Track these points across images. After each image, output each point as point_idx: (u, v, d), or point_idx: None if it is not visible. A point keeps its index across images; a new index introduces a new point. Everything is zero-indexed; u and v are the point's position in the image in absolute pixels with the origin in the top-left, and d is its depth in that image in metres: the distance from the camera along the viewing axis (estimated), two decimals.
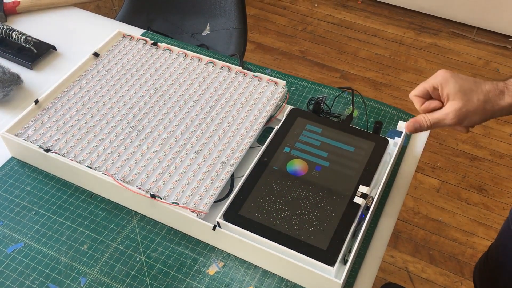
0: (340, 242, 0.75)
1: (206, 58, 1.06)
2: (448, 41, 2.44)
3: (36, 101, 0.95)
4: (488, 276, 1.12)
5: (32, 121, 0.93)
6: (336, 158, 0.87)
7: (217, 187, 0.83)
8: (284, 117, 0.94)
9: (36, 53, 1.12)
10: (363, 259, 0.80)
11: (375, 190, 0.83)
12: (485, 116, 0.72)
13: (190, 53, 1.07)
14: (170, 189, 0.83)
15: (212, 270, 0.79)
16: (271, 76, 1.02)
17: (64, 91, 0.98)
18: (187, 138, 0.91)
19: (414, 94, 0.77)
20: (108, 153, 0.88)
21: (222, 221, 0.78)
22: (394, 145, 0.91)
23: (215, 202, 0.83)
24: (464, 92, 0.71)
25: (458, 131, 0.77)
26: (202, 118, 0.94)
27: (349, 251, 0.76)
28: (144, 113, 0.95)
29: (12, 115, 1.01)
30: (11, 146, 0.93)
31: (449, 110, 0.73)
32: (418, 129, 0.76)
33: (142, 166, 0.86)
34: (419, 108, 0.77)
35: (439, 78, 0.73)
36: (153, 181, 0.84)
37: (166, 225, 0.85)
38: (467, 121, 0.72)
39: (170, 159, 0.87)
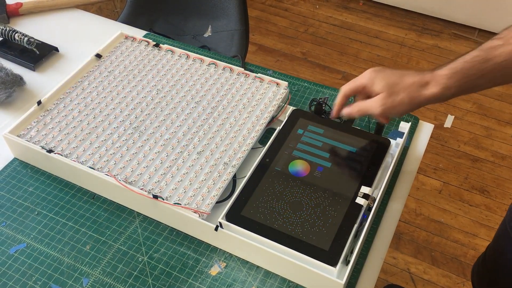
0: (342, 243, 0.75)
1: (208, 59, 1.06)
2: (450, 43, 2.44)
3: (39, 102, 0.95)
4: (486, 277, 1.13)
5: (34, 122, 0.93)
6: (338, 159, 0.87)
7: (219, 188, 0.83)
8: (286, 118, 0.94)
9: (39, 54, 1.13)
10: (365, 260, 0.80)
11: (377, 191, 0.83)
12: (412, 106, 0.76)
13: (192, 54, 1.07)
14: (172, 189, 0.83)
15: (214, 270, 0.79)
16: (273, 77, 1.03)
17: (67, 92, 0.98)
18: (189, 139, 0.91)
19: (344, 94, 0.82)
20: (111, 154, 0.88)
21: (224, 222, 0.78)
22: (396, 146, 0.91)
23: (217, 202, 0.83)
24: (390, 85, 0.75)
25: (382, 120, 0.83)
26: (204, 119, 0.94)
27: (351, 251, 0.76)
28: (146, 114, 0.95)
29: (15, 116, 1.01)
30: (13, 147, 0.93)
31: (375, 100, 0.77)
32: (350, 115, 0.83)
33: (144, 167, 0.86)
34: (338, 103, 0.84)
35: (366, 79, 0.78)
36: (155, 182, 0.84)
37: (168, 226, 0.85)
38: (395, 110, 0.76)
39: (172, 160, 0.87)
